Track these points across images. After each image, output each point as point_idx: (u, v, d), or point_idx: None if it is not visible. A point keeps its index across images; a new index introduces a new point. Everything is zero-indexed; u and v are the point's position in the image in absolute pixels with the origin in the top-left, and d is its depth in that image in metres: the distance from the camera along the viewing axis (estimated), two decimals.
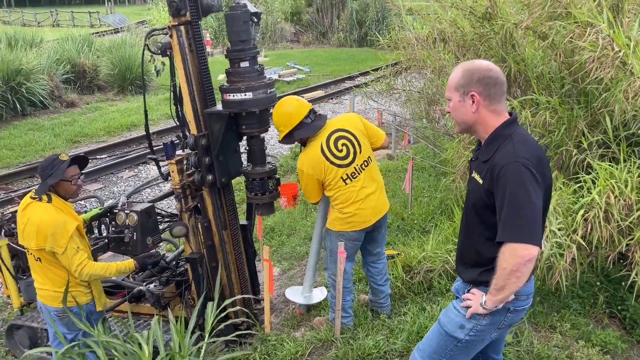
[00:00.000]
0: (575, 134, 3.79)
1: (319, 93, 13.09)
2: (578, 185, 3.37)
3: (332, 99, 12.89)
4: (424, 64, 6.01)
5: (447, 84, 2.13)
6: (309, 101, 3.54)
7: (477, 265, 2.16)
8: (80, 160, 3.16)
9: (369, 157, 3.41)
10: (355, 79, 15.09)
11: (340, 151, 3.33)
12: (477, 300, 2.12)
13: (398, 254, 4.12)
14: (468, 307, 2.17)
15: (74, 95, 12.55)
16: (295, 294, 4.04)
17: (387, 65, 6.49)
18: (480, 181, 2.06)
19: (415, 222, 4.88)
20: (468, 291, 2.23)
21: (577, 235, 3.11)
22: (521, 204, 1.90)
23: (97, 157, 8.75)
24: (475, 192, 2.11)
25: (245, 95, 3.16)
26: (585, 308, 3.74)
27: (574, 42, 3.54)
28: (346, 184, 3.31)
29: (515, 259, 1.91)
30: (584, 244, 3.11)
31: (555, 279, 3.24)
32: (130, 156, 8.56)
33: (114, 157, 8.76)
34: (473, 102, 2.05)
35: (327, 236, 3.52)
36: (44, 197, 2.97)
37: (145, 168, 8.32)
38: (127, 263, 3.22)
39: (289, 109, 3.34)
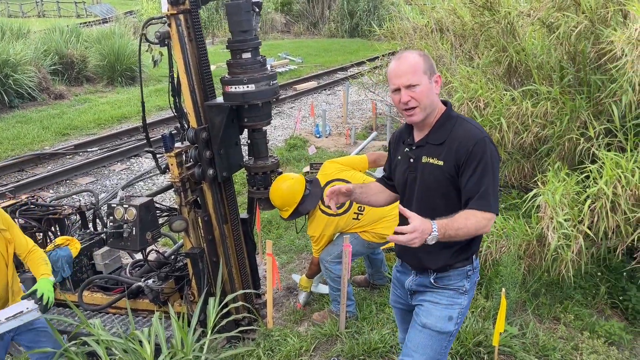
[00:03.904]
0: (577, 124, 3.77)
1: (312, 84, 12.99)
2: (584, 175, 3.35)
3: (325, 89, 12.80)
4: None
5: (408, 69, 2.05)
6: (302, 92, 3.49)
7: (446, 247, 2.11)
8: None
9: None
10: (348, 70, 15.01)
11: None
12: (422, 228, 1.86)
13: None
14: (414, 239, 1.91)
15: (62, 87, 12.33)
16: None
17: (383, 55, 6.42)
18: (441, 163, 2.09)
19: None
20: (435, 280, 2.23)
21: (584, 225, 3.09)
22: (495, 177, 2.04)
23: (88, 149, 8.61)
24: (435, 175, 2.11)
25: (248, 87, 3.08)
26: (587, 299, 3.74)
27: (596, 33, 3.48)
28: (359, 219, 3.45)
29: (488, 226, 2.02)
30: (591, 234, 3.09)
31: (560, 270, 3.22)
32: (122, 149, 8.43)
33: (105, 149, 8.63)
34: (436, 84, 2.11)
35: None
36: None
37: (137, 161, 8.20)
38: None
39: (289, 187, 3.42)
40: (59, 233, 4.19)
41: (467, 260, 2.20)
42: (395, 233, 1.89)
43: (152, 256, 3.95)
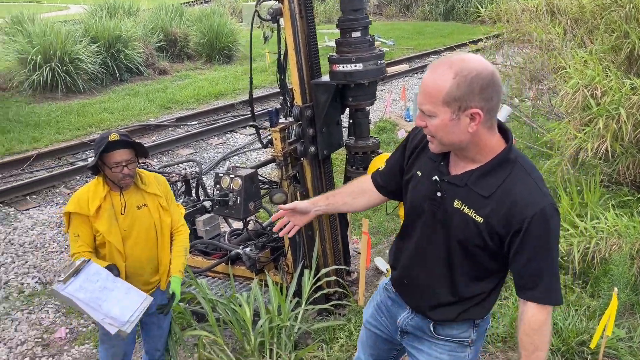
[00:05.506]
0: None
1: (404, 67, 12.78)
2: None
3: (417, 73, 12.54)
4: (530, 37, 5.65)
5: (425, 91, 1.56)
6: (393, 75, 3.45)
7: (456, 303, 1.79)
8: (136, 146, 2.53)
9: None
10: (441, 54, 14.57)
11: None
12: None
13: None
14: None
15: (166, 63, 13.05)
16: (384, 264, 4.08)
17: (487, 37, 6.17)
18: (480, 219, 1.61)
19: None
20: (434, 328, 1.87)
21: None
22: (556, 259, 1.61)
23: (188, 123, 9.10)
24: (468, 229, 1.65)
25: (355, 66, 3.10)
26: None
27: None
28: None
29: (550, 321, 1.67)
30: None
31: None
32: (219, 124, 8.81)
33: (203, 124, 9.07)
34: (472, 121, 1.54)
35: None
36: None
37: (232, 136, 8.54)
38: None
39: None
40: None
41: (483, 313, 1.83)
42: None
43: (250, 225, 4.13)
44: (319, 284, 3.42)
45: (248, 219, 3.86)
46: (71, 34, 10.79)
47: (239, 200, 3.41)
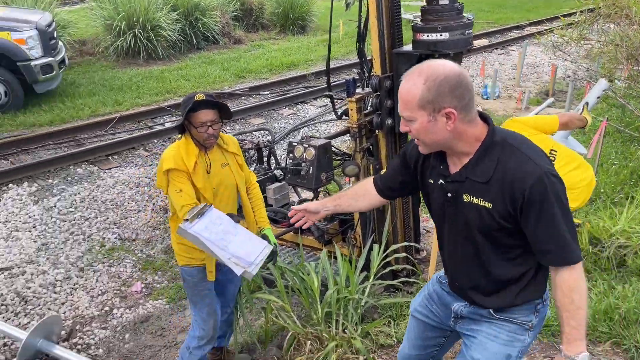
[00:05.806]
0: None
1: (483, 42, 12.17)
2: None
3: (497, 48, 11.92)
4: (628, 12, 5.17)
5: (401, 98, 1.70)
6: (472, 50, 3.27)
7: (505, 287, 1.83)
8: (221, 107, 2.60)
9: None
10: (525, 29, 13.77)
11: None
12: None
13: (579, 224, 3.72)
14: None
15: (241, 32, 13.21)
16: None
17: (581, 11, 5.72)
18: (489, 205, 1.70)
19: (602, 190, 4.35)
20: (495, 312, 1.88)
21: None
22: (565, 220, 1.67)
23: (260, 93, 9.20)
24: (481, 217, 1.73)
25: (441, 35, 2.94)
26: None
27: None
28: None
29: (584, 278, 1.71)
30: None
31: None
32: (290, 95, 8.84)
33: (275, 94, 9.13)
34: (448, 119, 1.66)
35: None
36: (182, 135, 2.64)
37: (303, 107, 8.54)
38: None
39: None
40: None
41: (537, 292, 1.84)
42: None
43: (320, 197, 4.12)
44: (387, 259, 3.37)
45: (319, 189, 3.85)
46: (153, 1, 11.12)
47: (311, 170, 3.40)
